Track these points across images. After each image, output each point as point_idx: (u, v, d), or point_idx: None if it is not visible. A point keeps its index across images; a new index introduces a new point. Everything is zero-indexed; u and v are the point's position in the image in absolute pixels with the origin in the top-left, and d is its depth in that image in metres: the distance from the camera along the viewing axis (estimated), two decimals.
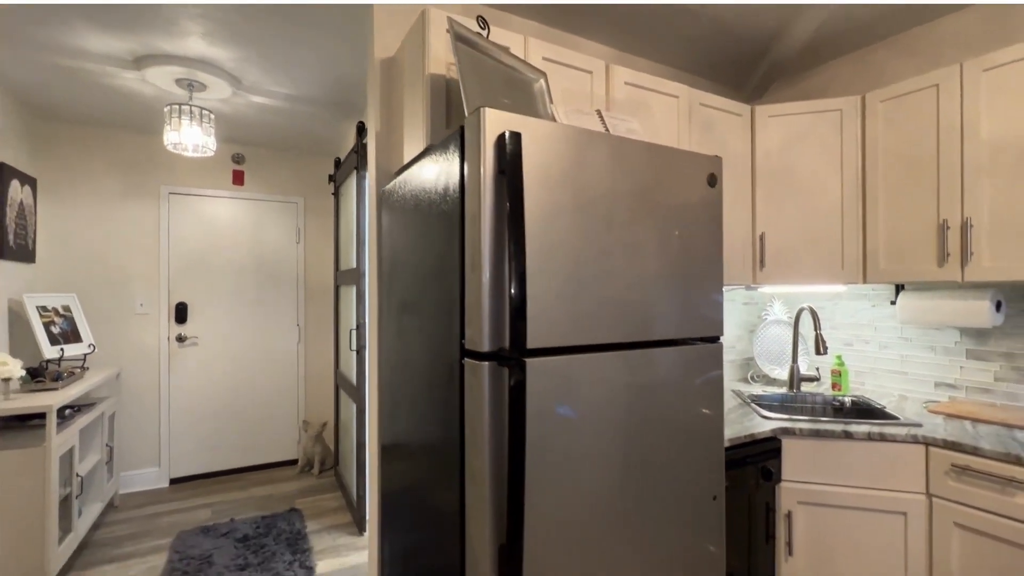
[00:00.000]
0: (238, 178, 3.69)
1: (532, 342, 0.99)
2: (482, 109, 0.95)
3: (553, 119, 1.42)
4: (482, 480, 0.95)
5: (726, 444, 1.55)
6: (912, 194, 1.87)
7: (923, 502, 1.57)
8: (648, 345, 1.19)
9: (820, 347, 1.97)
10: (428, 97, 1.37)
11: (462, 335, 1.01)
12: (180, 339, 3.49)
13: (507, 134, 0.94)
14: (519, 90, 1.41)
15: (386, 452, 1.57)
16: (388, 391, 1.55)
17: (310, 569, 2.35)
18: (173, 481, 3.47)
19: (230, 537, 2.64)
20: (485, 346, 0.95)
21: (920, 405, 1.96)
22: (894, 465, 1.61)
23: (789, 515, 1.67)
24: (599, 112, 1.47)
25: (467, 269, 0.99)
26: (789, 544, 1.67)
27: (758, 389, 2.26)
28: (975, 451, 1.47)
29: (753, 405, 1.94)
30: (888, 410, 1.86)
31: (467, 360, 0.99)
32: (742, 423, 1.72)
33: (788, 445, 1.69)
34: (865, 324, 2.30)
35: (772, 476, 1.63)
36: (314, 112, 3.03)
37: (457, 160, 1.03)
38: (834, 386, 2.16)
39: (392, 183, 1.51)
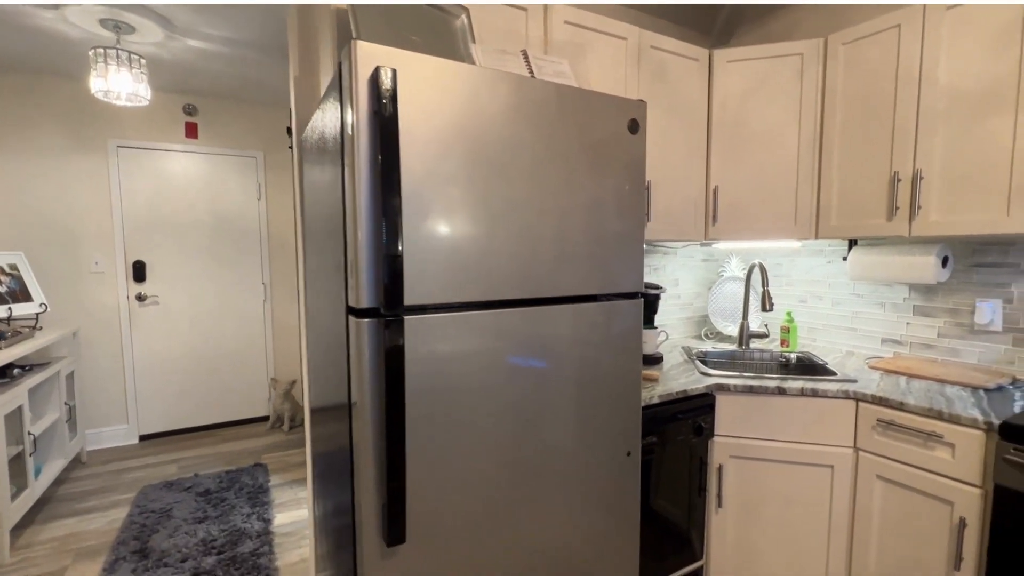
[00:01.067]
0: (191, 131, 3.53)
1: (415, 298, 0.95)
2: (354, 42, 0.86)
3: (472, 60, 1.31)
4: (366, 442, 0.93)
5: (656, 400, 1.54)
6: (868, 145, 1.79)
7: (850, 455, 1.59)
8: (556, 301, 1.15)
9: (766, 304, 1.94)
10: (334, 35, 1.26)
11: (347, 291, 0.96)
12: (140, 298, 3.43)
13: (381, 71, 0.86)
14: (435, 28, 1.30)
15: (313, 415, 1.56)
16: (313, 352, 1.51)
17: (267, 521, 2.40)
18: (143, 438, 3.50)
19: (192, 491, 2.69)
20: (364, 302, 0.90)
21: (863, 361, 1.96)
22: (825, 420, 1.61)
23: (720, 469, 1.69)
24: (524, 53, 1.37)
25: (347, 221, 0.93)
26: (719, 496, 1.70)
27: (708, 346, 2.26)
28: (901, 406, 1.47)
29: (697, 362, 1.93)
30: (829, 366, 1.85)
31: (351, 318, 0.95)
32: (679, 380, 1.71)
33: (722, 401, 1.69)
34: (820, 280, 2.27)
35: (703, 432, 1.64)
36: (262, 59, 2.85)
37: (338, 101, 0.95)
38: (783, 343, 2.16)
39: (305, 131, 1.42)
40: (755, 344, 2.26)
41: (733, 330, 2.41)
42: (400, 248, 0.87)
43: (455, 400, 1.02)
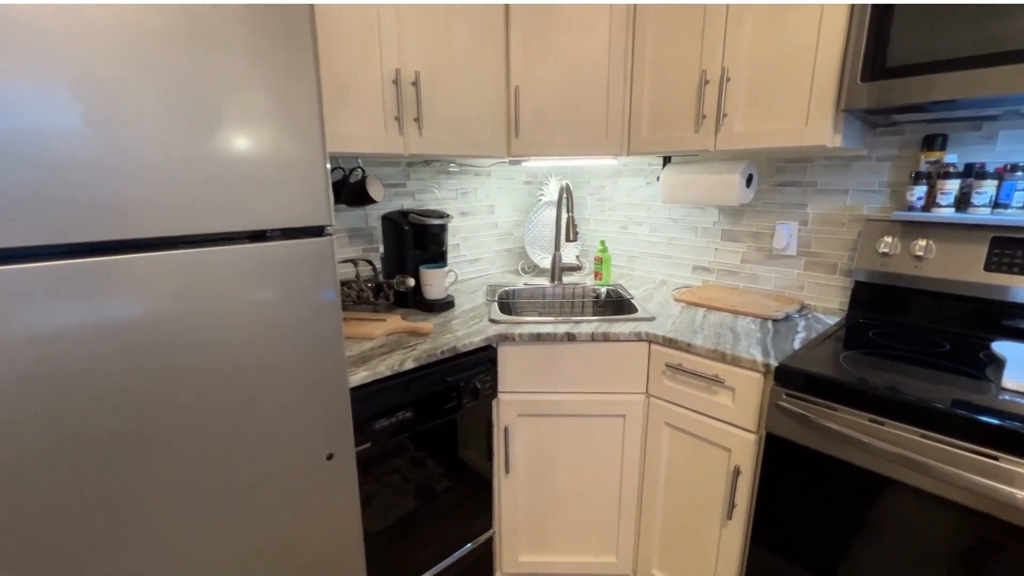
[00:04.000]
0: None
1: None
2: None
3: None
4: None
5: (410, 365, 1.18)
6: (680, 38, 1.49)
7: (642, 403, 1.42)
8: (165, 245, 0.68)
9: (571, 232, 1.66)
10: None
11: None
12: None
13: None
14: None
15: None
16: None
17: None
18: None
19: None
20: None
21: (672, 292, 1.81)
22: (619, 365, 1.41)
23: (507, 431, 1.44)
24: None
25: None
26: (507, 461, 1.46)
27: (524, 282, 1.97)
28: (689, 348, 1.29)
29: (494, 305, 1.61)
30: (635, 301, 1.65)
31: None
32: (458, 332, 1.38)
33: (507, 353, 1.40)
34: (639, 204, 2.06)
35: (480, 394, 1.35)
36: None
37: None
38: (596, 275, 1.94)
39: None
40: (568, 278, 2.02)
41: (549, 263, 2.15)
42: None
43: None
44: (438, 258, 1.65)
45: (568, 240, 1.66)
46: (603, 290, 1.85)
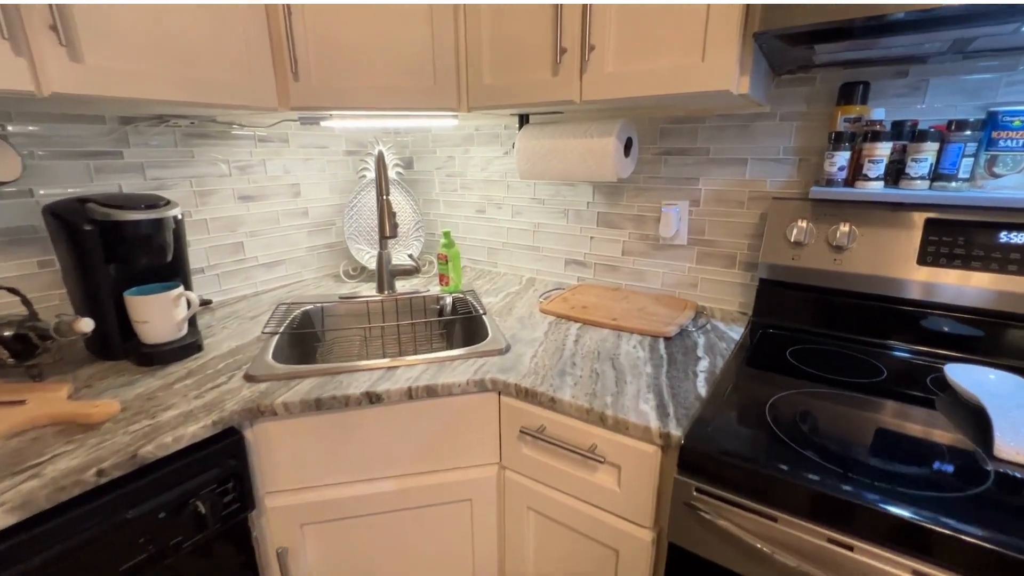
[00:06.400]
0: None
1: None
2: None
3: None
4: None
5: (7, 523, 0.58)
6: None
7: (494, 480, 0.96)
8: None
9: (387, 226, 1.12)
10: None
11: None
12: None
13: None
14: None
15: None
16: None
17: None
18: None
19: None
20: None
21: (540, 297, 1.37)
22: (457, 429, 0.92)
23: (281, 555, 0.89)
24: None
25: None
26: None
27: (340, 294, 1.40)
28: (552, 404, 0.84)
29: (274, 340, 1.03)
30: (488, 318, 1.17)
31: None
32: (167, 412, 0.79)
33: (269, 435, 0.84)
34: (497, 181, 1.58)
35: (208, 521, 0.78)
36: None
37: None
38: (442, 279, 1.43)
39: None
40: (404, 285, 1.49)
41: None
42: None
43: None
44: (169, 275, 1.02)
45: (385, 236, 1.12)
46: (449, 300, 1.35)
